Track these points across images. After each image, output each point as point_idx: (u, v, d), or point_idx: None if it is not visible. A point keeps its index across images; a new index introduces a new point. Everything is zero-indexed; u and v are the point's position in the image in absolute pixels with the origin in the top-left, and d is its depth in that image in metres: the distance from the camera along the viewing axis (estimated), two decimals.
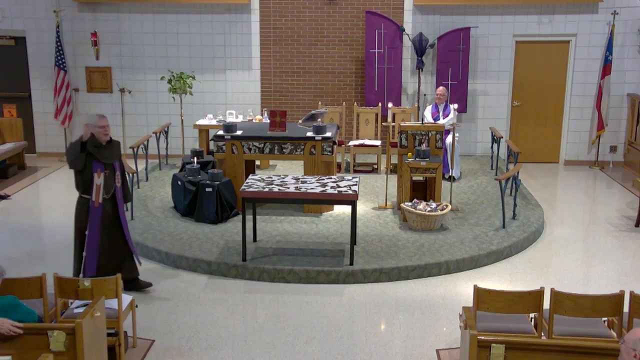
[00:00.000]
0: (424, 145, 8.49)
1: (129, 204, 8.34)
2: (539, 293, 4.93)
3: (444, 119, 9.97)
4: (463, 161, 11.11)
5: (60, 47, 11.49)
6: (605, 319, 5.22)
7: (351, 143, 10.74)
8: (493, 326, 5.03)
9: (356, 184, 7.20)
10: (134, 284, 6.58)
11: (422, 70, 11.41)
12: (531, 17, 11.36)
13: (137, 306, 5.72)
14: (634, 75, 11.46)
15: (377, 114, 11.08)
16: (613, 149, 11.77)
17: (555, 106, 11.80)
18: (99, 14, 11.63)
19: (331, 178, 7.45)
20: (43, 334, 4.23)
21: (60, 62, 11.52)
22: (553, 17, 11.33)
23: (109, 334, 5.01)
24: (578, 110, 11.67)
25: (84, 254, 6.11)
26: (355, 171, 10.62)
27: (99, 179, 6.07)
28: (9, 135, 11.22)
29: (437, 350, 5.60)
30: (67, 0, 11.51)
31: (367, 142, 10.78)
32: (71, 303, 5.36)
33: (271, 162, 11.08)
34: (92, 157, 6.04)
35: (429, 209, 7.93)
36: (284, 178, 7.40)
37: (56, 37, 11.47)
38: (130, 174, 8.18)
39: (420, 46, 11.18)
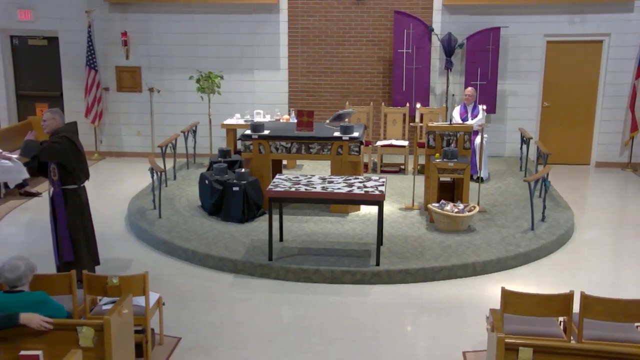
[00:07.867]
0: (452, 145, 8.41)
1: (157, 203, 8.46)
2: (569, 296, 4.84)
3: (472, 119, 9.87)
4: (491, 162, 10.99)
5: (91, 47, 11.65)
6: (639, 324, 5.11)
7: (378, 143, 10.70)
8: (521, 329, 4.96)
9: (383, 185, 7.16)
10: None
11: (450, 71, 11.31)
12: (562, 17, 11.19)
13: (164, 304, 5.77)
14: None
15: (404, 114, 11.02)
16: None
17: (586, 107, 11.60)
18: (129, 14, 11.77)
19: (358, 178, 7.43)
20: (72, 329, 4.29)
21: (91, 61, 11.69)
22: (585, 16, 11.14)
23: (136, 331, 5.06)
24: (610, 111, 11.45)
25: None
26: (382, 171, 10.57)
27: None
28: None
29: (464, 353, 5.55)
30: (98, 0, 11.67)
31: (395, 142, 10.73)
32: (100, 300, 5.43)
33: (298, 162, 11.09)
34: None
35: (456, 210, 7.86)
36: (310, 178, 7.40)
37: (87, 37, 11.64)
38: (159, 173, 8.30)
39: (449, 46, 11.09)
